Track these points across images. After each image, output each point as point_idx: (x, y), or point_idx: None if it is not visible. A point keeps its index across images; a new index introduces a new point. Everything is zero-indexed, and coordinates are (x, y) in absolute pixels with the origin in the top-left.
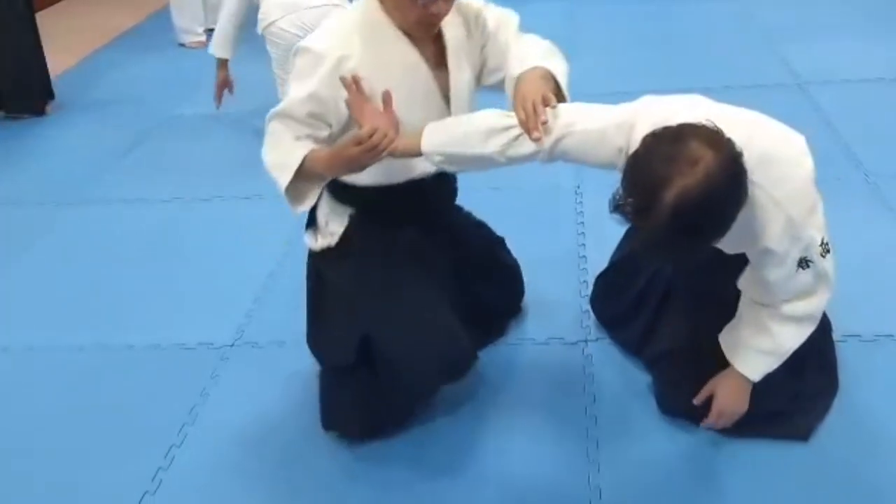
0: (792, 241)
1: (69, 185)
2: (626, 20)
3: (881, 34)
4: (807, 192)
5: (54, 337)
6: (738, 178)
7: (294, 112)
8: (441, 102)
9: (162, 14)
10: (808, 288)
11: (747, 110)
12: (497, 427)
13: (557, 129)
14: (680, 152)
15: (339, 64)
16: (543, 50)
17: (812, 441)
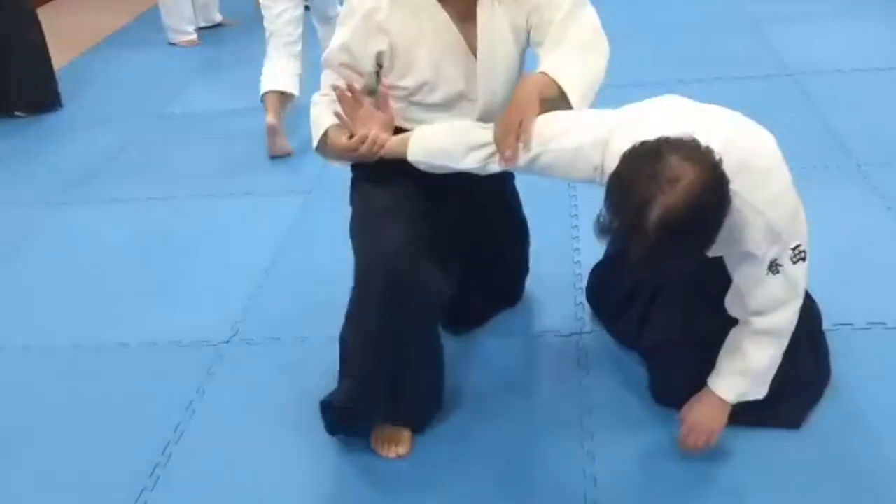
0: (770, 245)
1: (62, 185)
2: (614, 12)
3: (870, 23)
4: (786, 198)
5: (49, 336)
6: (721, 188)
7: (331, 61)
8: (471, 59)
9: (152, 13)
10: (778, 296)
11: (722, 110)
12: (492, 418)
13: (534, 147)
14: (660, 170)
15: (370, 15)
16: (576, 45)
17: (804, 429)
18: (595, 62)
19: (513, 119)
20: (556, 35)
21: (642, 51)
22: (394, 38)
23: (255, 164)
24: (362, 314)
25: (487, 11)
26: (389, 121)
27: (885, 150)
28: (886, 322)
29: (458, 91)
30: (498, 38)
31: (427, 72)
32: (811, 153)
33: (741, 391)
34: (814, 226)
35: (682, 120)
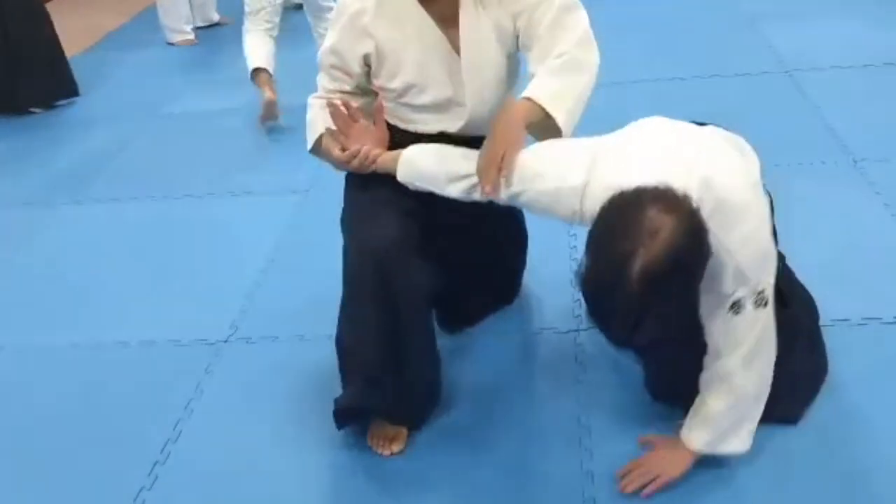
0: (738, 286)
1: (60, 184)
2: (608, 9)
3: (866, 20)
4: (759, 238)
5: (48, 335)
6: (700, 238)
7: (323, 63)
8: (457, 62)
9: (149, 14)
10: (736, 337)
11: (701, 136)
12: (490, 416)
13: (514, 183)
14: (639, 224)
15: (356, 18)
16: (562, 62)
17: (801, 424)
18: (581, 80)
19: (496, 151)
20: (544, 43)
21: (640, 48)
22: (379, 41)
23: (253, 163)
24: (356, 310)
25: (470, 14)
26: (383, 137)
27: (881, 146)
28: (882, 317)
29: (446, 94)
30: (483, 41)
31: (413, 74)
32: (808, 149)
33: (706, 439)
34: (810, 221)
35: (659, 161)
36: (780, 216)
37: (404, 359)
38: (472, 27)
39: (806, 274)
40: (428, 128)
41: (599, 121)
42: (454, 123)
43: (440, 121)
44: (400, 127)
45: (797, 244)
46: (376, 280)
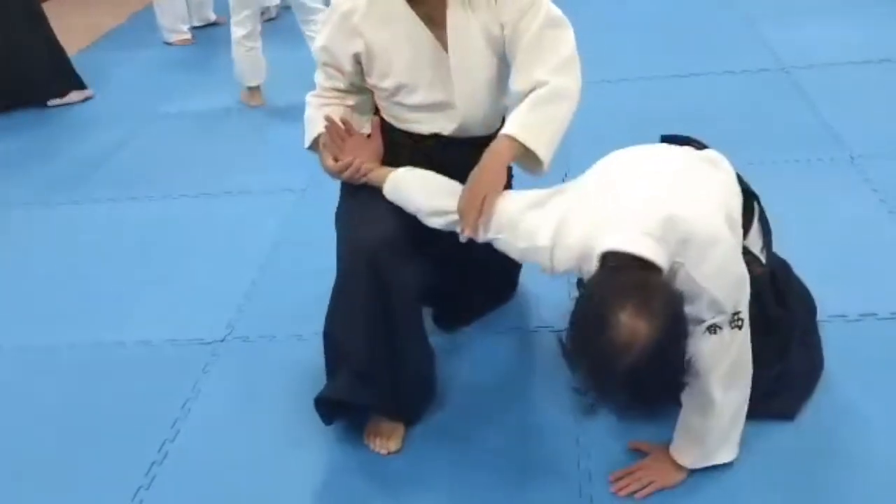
0: (715, 314)
1: (57, 184)
2: (607, 7)
3: (861, 17)
4: (729, 268)
5: (46, 335)
6: (677, 325)
7: (318, 60)
8: (447, 63)
9: (145, 14)
10: (711, 357)
11: (665, 164)
12: (487, 414)
13: (491, 228)
14: (614, 336)
15: (346, 17)
16: (539, 96)
17: (798, 420)
18: (560, 111)
19: (476, 194)
20: (525, 60)
21: (638, 46)
22: (369, 40)
23: (250, 163)
24: (347, 305)
25: (458, 16)
26: (377, 151)
27: (878, 143)
28: (878, 313)
29: (437, 95)
30: (471, 43)
31: (403, 74)
32: (805, 146)
33: (695, 456)
34: (808, 218)
35: (622, 212)
36: (778, 212)
37: (396, 355)
38: (459, 29)
39: (803, 269)
40: (422, 128)
41: (598, 118)
42: (447, 125)
43: (433, 121)
44: (396, 126)
45: (795, 240)
46: (368, 276)
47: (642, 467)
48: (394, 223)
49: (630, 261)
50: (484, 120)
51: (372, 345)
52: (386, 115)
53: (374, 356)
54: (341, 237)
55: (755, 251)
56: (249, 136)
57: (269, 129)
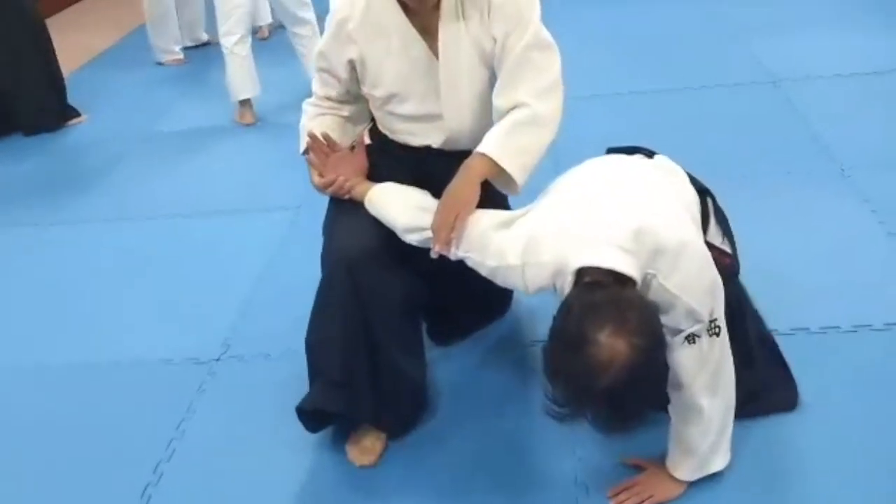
0: (692, 323)
1: (50, 204)
2: (598, 22)
3: (850, 29)
4: (702, 277)
5: (40, 356)
6: (655, 340)
7: (316, 66)
8: (438, 74)
9: (137, 34)
10: (691, 367)
11: (635, 180)
12: (482, 428)
13: (462, 247)
14: (592, 357)
15: (342, 25)
16: (518, 118)
17: (790, 430)
18: (538, 136)
19: (448, 213)
20: (507, 79)
21: (629, 60)
22: (363, 49)
23: (243, 181)
24: (325, 315)
25: (450, 28)
26: (361, 165)
27: (868, 155)
28: (873, 324)
29: (427, 106)
30: (462, 55)
31: (395, 84)
32: (796, 159)
33: (691, 468)
34: (800, 230)
35: (591, 228)
36: (770, 224)
37: (377, 366)
38: (451, 40)
39: (794, 281)
40: (413, 140)
41: (588, 133)
42: (437, 137)
43: (423, 132)
44: (389, 137)
45: (786, 252)
46: (346, 287)
47: (640, 482)
48: (376, 235)
49: (604, 275)
50: (472, 133)
51: (348, 354)
52: (380, 126)
53: (351, 366)
54: (324, 247)
55: (717, 244)
56: (243, 154)
57: (263, 147)
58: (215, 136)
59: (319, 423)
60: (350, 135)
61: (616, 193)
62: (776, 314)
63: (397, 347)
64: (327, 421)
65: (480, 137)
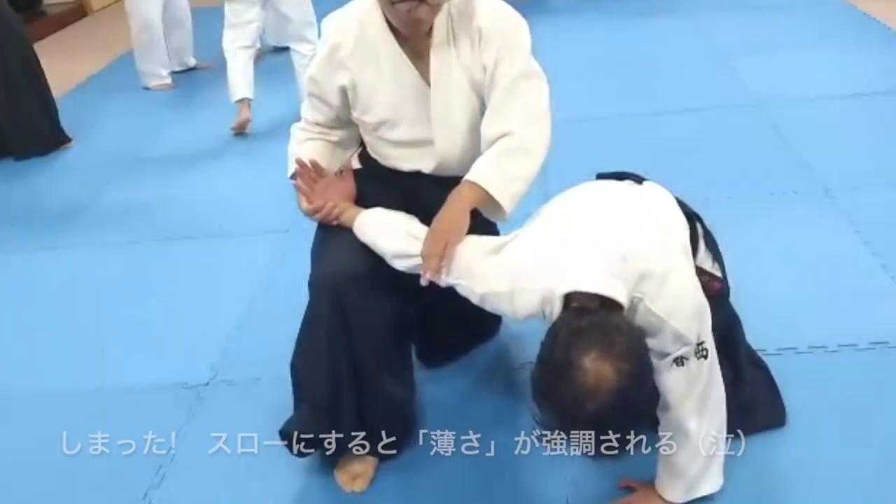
0: (680, 346)
1: (37, 230)
2: (581, 45)
3: (829, 51)
4: (688, 301)
5: (26, 382)
6: (641, 365)
7: (307, 91)
8: (429, 100)
9: (124, 60)
10: (680, 389)
11: (621, 205)
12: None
13: (452, 274)
14: (578, 382)
15: (334, 52)
16: (507, 146)
17: (774, 447)
18: (526, 164)
19: (438, 241)
20: (496, 107)
21: (614, 84)
22: (355, 75)
23: (232, 205)
24: (310, 339)
25: (442, 55)
26: (349, 190)
27: (852, 176)
28: (858, 343)
29: (418, 132)
30: (453, 82)
31: (386, 110)
32: (780, 179)
33: (680, 490)
34: (785, 251)
35: (578, 253)
36: (755, 245)
37: (363, 389)
38: (443, 67)
39: (780, 301)
40: (403, 165)
41: (574, 158)
42: (427, 163)
43: (413, 158)
44: (379, 162)
45: (772, 272)
46: (331, 310)
47: (631, 503)
48: (363, 259)
49: (591, 300)
50: (462, 159)
51: (333, 378)
52: (371, 151)
53: (335, 389)
54: (311, 271)
55: (707, 268)
56: (232, 178)
57: (252, 171)
58: (203, 160)
59: (307, 447)
60: (339, 159)
61: (604, 219)
62: (764, 334)
63: (384, 371)
64: (315, 445)
65: (470, 163)
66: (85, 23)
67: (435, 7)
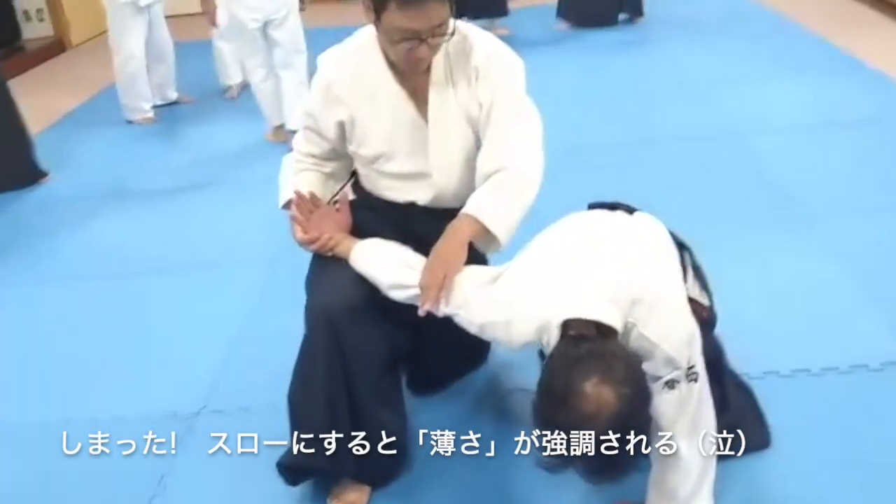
0: (671, 370)
1: (24, 264)
2: (559, 77)
3: (800, 82)
4: (679, 326)
5: (16, 414)
6: (640, 388)
7: (300, 123)
8: (426, 135)
9: (106, 94)
10: (671, 413)
11: (611, 234)
12: (462, 477)
13: (451, 304)
14: (579, 408)
15: (331, 87)
16: (503, 179)
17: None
18: (522, 197)
19: (437, 272)
20: (492, 141)
21: (594, 114)
22: (352, 110)
23: (215, 238)
24: (307, 369)
25: (441, 92)
26: (345, 222)
27: (830, 202)
28: (839, 367)
29: (414, 165)
30: (450, 118)
31: (383, 144)
32: (760, 206)
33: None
34: (766, 275)
35: (574, 280)
36: (737, 272)
37: (358, 419)
38: (440, 104)
39: (764, 326)
40: (399, 196)
41: (561, 188)
42: (423, 195)
43: (409, 190)
44: (374, 194)
45: (754, 298)
46: (328, 341)
47: None
48: (358, 289)
49: (588, 326)
50: (457, 191)
51: (330, 409)
52: (364, 182)
53: (331, 421)
54: (307, 302)
55: (695, 296)
56: (214, 211)
57: (233, 204)
58: (187, 193)
59: (300, 476)
60: (331, 190)
61: (597, 247)
62: (748, 358)
63: (378, 400)
64: (308, 474)
65: (464, 195)
66: (64, 58)
67: (435, 46)
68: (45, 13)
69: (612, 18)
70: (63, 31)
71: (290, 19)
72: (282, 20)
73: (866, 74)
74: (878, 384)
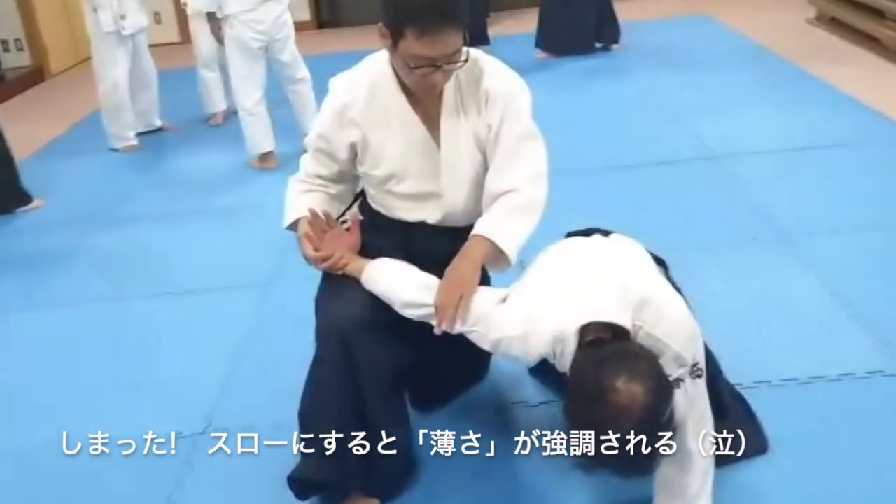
0: (678, 368)
1: (14, 291)
2: (537, 102)
3: (771, 108)
4: (684, 324)
5: (19, 439)
6: (664, 380)
7: (311, 145)
8: (437, 157)
9: (88, 123)
10: (683, 410)
11: (607, 249)
12: (468, 489)
13: (468, 322)
14: (614, 403)
15: (344, 110)
16: (514, 202)
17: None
18: (531, 219)
19: (453, 293)
20: (500, 166)
21: (577, 140)
22: (365, 132)
23: (210, 262)
24: (319, 385)
25: (451, 118)
26: (355, 243)
27: (807, 222)
28: (827, 375)
29: (425, 186)
30: (461, 141)
31: (394, 165)
32: (739, 228)
33: None
34: (748, 294)
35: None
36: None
37: (369, 433)
38: (452, 128)
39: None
40: (409, 216)
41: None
42: (433, 214)
43: (420, 210)
44: (383, 214)
45: (737, 315)
46: (340, 356)
47: None
48: (367, 304)
49: (604, 330)
50: (466, 211)
51: (342, 423)
52: (374, 203)
53: (344, 435)
54: (317, 320)
55: None
56: (205, 237)
57: (224, 229)
58: (177, 218)
59: (310, 489)
60: (335, 212)
61: (598, 259)
62: (738, 369)
63: (386, 415)
64: (318, 488)
65: (472, 214)
66: (44, 87)
67: (449, 73)
68: (23, 43)
69: (589, 47)
70: (42, 61)
71: (290, 42)
72: (284, 42)
73: (840, 100)
74: (866, 391)
